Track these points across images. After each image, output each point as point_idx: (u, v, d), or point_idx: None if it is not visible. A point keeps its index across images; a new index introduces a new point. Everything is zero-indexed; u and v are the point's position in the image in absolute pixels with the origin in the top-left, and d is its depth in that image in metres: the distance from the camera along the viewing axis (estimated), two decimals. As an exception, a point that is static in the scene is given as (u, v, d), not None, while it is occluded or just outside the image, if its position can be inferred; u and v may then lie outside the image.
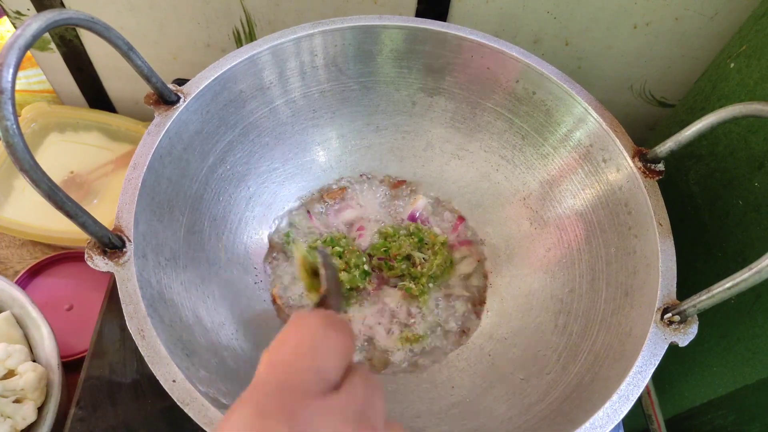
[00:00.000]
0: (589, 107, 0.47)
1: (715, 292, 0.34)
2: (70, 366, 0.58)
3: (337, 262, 0.52)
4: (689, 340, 0.37)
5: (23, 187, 0.65)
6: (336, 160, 0.59)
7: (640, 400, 0.48)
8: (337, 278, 0.31)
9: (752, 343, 0.45)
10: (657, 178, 0.44)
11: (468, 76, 0.53)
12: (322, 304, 0.28)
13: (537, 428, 0.39)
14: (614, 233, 0.46)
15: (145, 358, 0.35)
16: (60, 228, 0.62)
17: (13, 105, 0.28)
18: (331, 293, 0.29)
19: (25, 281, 0.63)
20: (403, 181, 0.59)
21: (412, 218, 0.57)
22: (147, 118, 0.66)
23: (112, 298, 0.52)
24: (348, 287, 0.51)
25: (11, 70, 0.28)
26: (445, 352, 0.50)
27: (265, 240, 0.54)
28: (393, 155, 0.59)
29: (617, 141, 0.46)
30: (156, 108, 0.44)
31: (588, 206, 0.49)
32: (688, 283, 0.41)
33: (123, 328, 0.51)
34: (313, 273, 0.33)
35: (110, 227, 0.37)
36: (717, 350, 0.49)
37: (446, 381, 0.48)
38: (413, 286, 0.52)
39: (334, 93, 0.55)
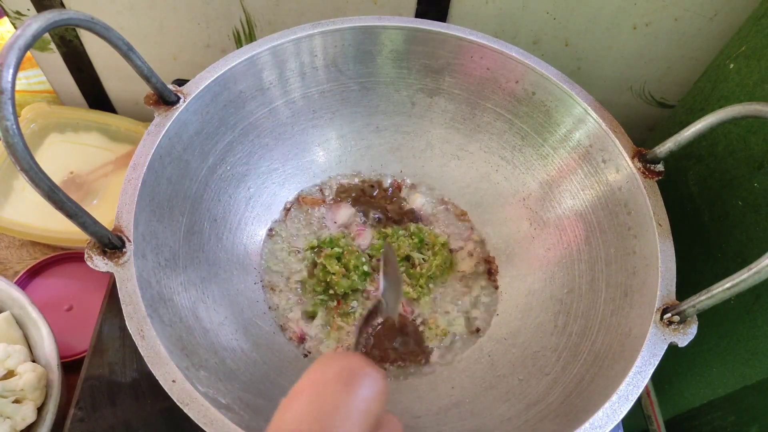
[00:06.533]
0: (589, 108, 0.47)
1: (714, 292, 0.35)
2: (70, 366, 0.58)
3: (336, 265, 0.52)
4: (689, 341, 0.37)
5: (23, 187, 0.65)
6: (336, 160, 0.59)
7: (639, 400, 0.48)
8: (397, 280, 0.26)
9: (752, 344, 0.45)
10: (656, 178, 0.44)
11: (468, 77, 0.53)
12: (373, 313, 0.24)
13: (536, 428, 0.39)
14: (614, 234, 0.46)
15: (145, 359, 0.35)
16: (60, 228, 0.62)
17: (13, 105, 0.28)
18: (389, 296, 0.25)
19: (24, 281, 0.63)
20: (402, 181, 0.59)
21: (412, 218, 0.57)
22: (147, 119, 0.66)
23: (111, 298, 0.52)
24: (348, 290, 0.51)
25: (11, 71, 0.28)
26: (444, 352, 0.50)
27: (265, 240, 0.54)
28: (393, 156, 0.59)
29: (617, 141, 0.46)
30: (156, 108, 0.44)
31: (587, 207, 0.49)
32: (688, 283, 0.41)
33: (123, 328, 0.51)
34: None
35: (110, 227, 0.37)
36: (716, 351, 0.49)
37: (446, 381, 0.48)
38: (410, 290, 0.52)
39: (334, 93, 0.55)
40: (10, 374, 0.47)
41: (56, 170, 0.68)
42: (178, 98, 0.44)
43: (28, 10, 0.63)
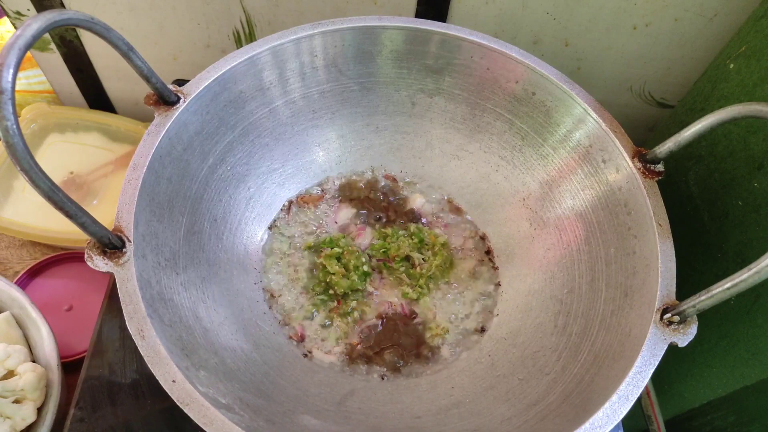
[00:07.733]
0: (589, 108, 0.47)
1: (714, 292, 0.35)
2: (70, 366, 0.58)
3: (336, 265, 0.52)
4: (689, 341, 0.37)
5: (23, 187, 0.65)
6: (336, 160, 0.59)
7: (639, 400, 0.48)
8: None
9: (752, 344, 0.45)
10: (656, 178, 0.44)
11: (467, 77, 0.53)
12: None
13: (536, 429, 0.39)
14: (614, 234, 0.46)
15: (145, 359, 0.35)
16: (60, 228, 0.62)
17: (13, 105, 0.28)
18: None
19: (24, 282, 0.63)
20: (402, 182, 0.59)
21: (412, 218, 0.57)
22: (147, 119, 0.66)
23: (112, 298, 0.52)
24: (348, 290, 0.51)
25: (11, 71, 0.28)
26: (445, 352, 0.50)
27: (265, 240, 0.54)
28: (393, 156, 0.59)
29: (617, 141, 0.46)
30: (156, 108, 0.44)
31: (587, 207, 0.49)
32: (688, 283, 0.41)
33: (123, 328, 0.51)
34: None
35: (110, 227, 0.37)
36: (716, 351, 0.49)
37: (446, 381, 0.48)
38: (410, 291, 0.52)
39: (334, 94, 0.55)
40: (10, 374, 0.47)
41: (56, 170, 0.68)
42: (178, 98, 0.44)
43: (28, 10, 0.63)
